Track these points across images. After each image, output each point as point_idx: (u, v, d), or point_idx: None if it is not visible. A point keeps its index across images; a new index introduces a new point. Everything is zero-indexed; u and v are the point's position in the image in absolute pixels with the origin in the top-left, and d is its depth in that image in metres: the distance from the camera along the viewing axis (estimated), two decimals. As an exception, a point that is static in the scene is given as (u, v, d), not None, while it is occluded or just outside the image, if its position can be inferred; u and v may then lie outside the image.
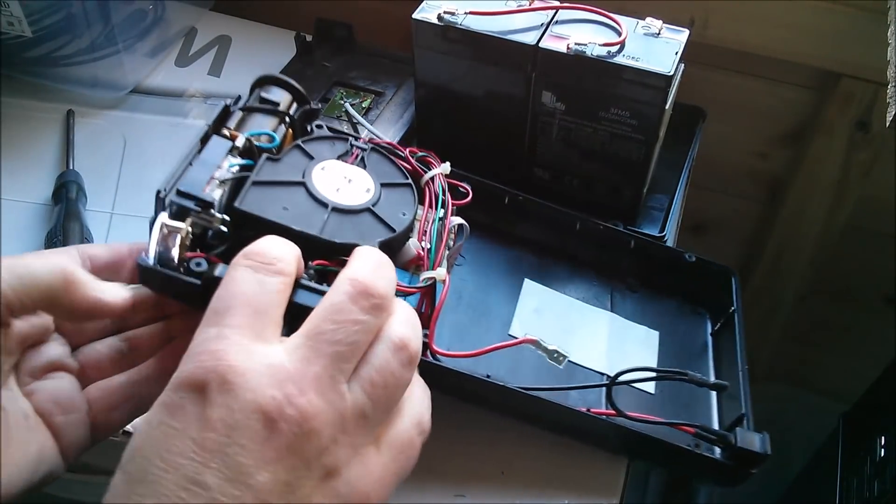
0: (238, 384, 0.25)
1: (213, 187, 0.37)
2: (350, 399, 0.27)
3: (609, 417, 0.40)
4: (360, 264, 0.30)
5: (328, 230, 0.37)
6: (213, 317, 0.28)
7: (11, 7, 0.57)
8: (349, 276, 0.29)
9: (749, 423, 0.40)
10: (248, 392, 0.25)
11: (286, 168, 0.39)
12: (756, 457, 0.39)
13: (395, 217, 0.39)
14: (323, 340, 0.27)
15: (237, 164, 0.39)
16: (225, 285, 0.29)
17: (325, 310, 0.28)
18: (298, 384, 0.26)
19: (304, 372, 0.26)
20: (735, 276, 0.48)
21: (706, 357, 0.47)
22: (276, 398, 0.25)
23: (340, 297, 0.28)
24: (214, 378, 0.26)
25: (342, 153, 0.42)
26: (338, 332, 0.28)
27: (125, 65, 0.63)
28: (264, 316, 0.28)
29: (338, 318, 0.28)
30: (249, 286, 0.28)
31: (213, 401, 0.25)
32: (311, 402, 0.26)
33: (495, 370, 0.42)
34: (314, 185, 0.39)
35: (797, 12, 0.64)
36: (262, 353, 0.27)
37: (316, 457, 0.26)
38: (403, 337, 0.29)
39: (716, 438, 0.40)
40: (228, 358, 0.26)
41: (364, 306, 0.28)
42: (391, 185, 0.41)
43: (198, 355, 0.27)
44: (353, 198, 0.39)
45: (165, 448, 0.25)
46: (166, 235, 0.35)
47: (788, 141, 0.74)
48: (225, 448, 0.25)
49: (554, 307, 0.47)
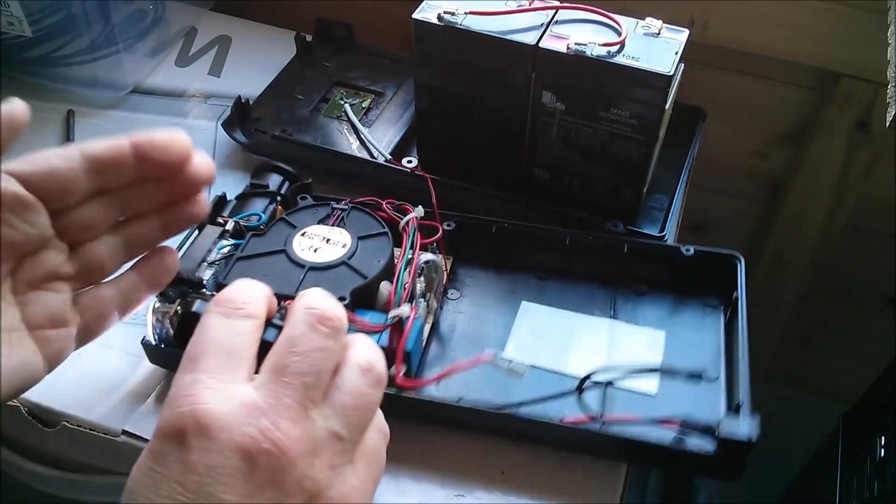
0: (213, 426, 0.27)
1: (203, 269, 0.44)
2: (323, 424, 0.28)
3: (582, 425, 0.40)
4: (311, 296, 0.32)
5: (304, 287, 0.41)
6: (188, 363, 0.29)
7: (11, 7, 0.57)
8: (304, 306, 0.31)
9: (745, 410, 0.39)
10: (223, 432, 0.27)
11: (270, 240, 0.45)
12: (742, 445, 0.38)
13: (370, 265, 0.44)
14: (289, 372, 0.29)
15: (228, 245, 0.45)
16: (198, 333, 0.30)
17: (287, 342, 0.30)
18: (271, 418, 0.27)
19: (274, 405, 0.28)
20: (740, 261, 0.47)
21: (717, 350, 0.46)
22: (252, 434, 0.27)
23: (300, 328, 0.30)
24: (191, 423, 0.27)
25: (323, 217, 0.47)
26: (302, 361, 0.29)
27: (125, 65, 0.63)
28: (235, 358, 0.29)
29: (300, 349, 0.29)
30: (220, 331, 0.30)
31: (192, 445, 0.27)
32: (287, 434, 0.27)
33: (483, 394, 0.43)
34: (293, 251, 0.44)
35: (797, 12, 0.64)
36: (233, 393, 0.28)
37: (297, 484, 0.27)
38: (370, 359, 0.31)
39: (701, 430, 0.39)
40: (202, 402, 0.27)
41: (323, 332, 0.30)
42: (368, 237, 0.45)
43: (175, 402, 0.28)
44: (330, 255, 0.44)
45: (154, 491, 0.27)
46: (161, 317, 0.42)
47: (788, 141, 0.74)
48: (208, 488, 0.26)
49: (552, 324, 0.47)
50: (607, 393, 0.43)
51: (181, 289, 0.43)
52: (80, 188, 0.36)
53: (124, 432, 0.43)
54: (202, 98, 0.64)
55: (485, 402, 0.42)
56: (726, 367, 0.44)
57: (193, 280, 0.43)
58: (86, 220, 0.37)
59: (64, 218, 0.36)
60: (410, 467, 0.41)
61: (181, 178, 0.37)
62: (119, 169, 0.36)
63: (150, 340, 0.43)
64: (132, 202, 0.38)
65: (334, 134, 0.58)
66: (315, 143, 0.57)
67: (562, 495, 0.41)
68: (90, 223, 0.37)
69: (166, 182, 0.37)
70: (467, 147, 0.54)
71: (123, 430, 0.43)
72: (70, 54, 0.61)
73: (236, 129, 0.58)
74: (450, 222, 0.49)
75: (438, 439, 0.43)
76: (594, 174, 0.51)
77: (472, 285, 0.50)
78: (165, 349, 0.43)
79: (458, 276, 0.50)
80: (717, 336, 0.46)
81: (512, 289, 0.50)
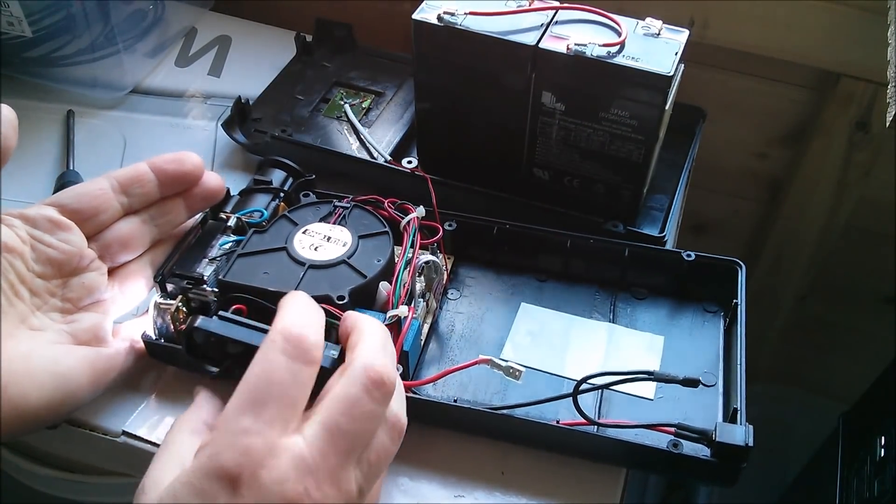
0: (267, 479, 0.29)
1: (204, 265, 0.44)
2: (355, 482, 0.31)
3: (578, 427, 0.40)
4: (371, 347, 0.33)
5: (303, 285, 0.42)
6: (249, 404, 0.30)
7: (11, 7, 0.57)
8: (365, 365, 0.32)
9: (741, 417, 0.39)
10: (275, 485, 0.29)
11: (271, 237, 0.45)
12: (738, 450, 0.38)
13: (369, 265, 0.43)
14: (340, 434, 0.31)
15: (230, 241, 0.45)
16: (263, 368, 0.31)
17: (343, 402, 0.31)
18: (317, 477, 0.30)
19: (321, 465, 0.30)
20: (742, 268, 0.47)
21: (716, 356, 0.45)
22: (298, 491, 0.29)
23: (357, 389, 0.32)
24: (247, 473, 0.29)
25: (325, 215, 0.47)
26: (353, 425, 0.31)
27: (125, 65, 0.63)
28: (293, 408, 0.31)
29: (354, 413, 0.31)
30: (285, 377, 0.31)
31: (244, 493, 0.29)
32: (326, 494, 0.30)
33: (480, 395, 0.43)
34: (294, 249, 0.44)
35: (797, 12, 0.64)
36: (287, 447, 0.30)
37: None
38: (398, 414, 0.34)
39: (696, 436, 0.39)
40: (259, 453, 0.29)
41: (377, 397, 0.32)
42: (369, 236, 0.45)
43: (231, 444, 0.29)
44: (330, 253, 0.44)
45: None
46: (161, 313, 0.42)
47: (788, 141, 0.74)
48: None
49: (550, 327, 0.47)
50: (604, 396, 0.43)
51: (182, 284, 0.43)
52: (110, 206, 0.42)
53: (124, 432, 0.43)
54: (202, 98, 0.64)
55: (481, 403, 0.42)
56: (724, 373, 0.44)
57: (194, 276, 0.43)
58: (122, 237, 0.43)
59: (102, 238, 0.42)
60: (410, 467, 0.41)
61: (198, 191, 0.45)
62: (141, 185, 0.43)
63: (151, 336, 0.43)
64: (159, 219, 0.44)
65: (334, 134, 0.58)
66: (315, 143, 0.57)
67: (561, 496, 0.41)
68: (126, 239, 0.43)
69: (187, 197, 0.45)
70: (467, 147, 0.54)
71: (123, 430, 0.43)
72: (70, 54, 0.61)
73: (236, 130, 0.58)
74: (451, 222, 0.49)
75: (441, 440, 0.43)
76: (594, 175, 0.51)
77: (473, 286, 0.50)
78: (166, 345, 0.43)
79: (459, 277, 0.50)
80: (716, 342, 0.46)
81: (512, 290, 0.49)
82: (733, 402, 0.41)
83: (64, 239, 0.41)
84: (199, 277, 0.43)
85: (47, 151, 0.59)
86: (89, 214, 0.42)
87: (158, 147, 0.60)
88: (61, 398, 0.37)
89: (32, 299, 0.40)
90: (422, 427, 0.42)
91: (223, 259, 0.44)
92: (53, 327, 0.40)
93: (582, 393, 0.40)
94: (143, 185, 0.43)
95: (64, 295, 0.41)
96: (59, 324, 0.40)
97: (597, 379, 0.40)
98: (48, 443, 0.46)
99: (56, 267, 0.40)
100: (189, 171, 0.44)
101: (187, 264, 0.44)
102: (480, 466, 0.42)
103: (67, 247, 0.40)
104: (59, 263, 0.40)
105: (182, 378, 0.44)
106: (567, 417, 0.41)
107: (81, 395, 0.39)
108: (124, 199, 0.43)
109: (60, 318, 0.40)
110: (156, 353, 0.44)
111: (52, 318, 0.40)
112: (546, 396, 0.41)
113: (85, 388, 0.39)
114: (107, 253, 0.43)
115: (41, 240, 0.40)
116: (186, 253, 0.45)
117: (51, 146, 0.59)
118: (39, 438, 0.45)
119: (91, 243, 0.42)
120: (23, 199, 0.54)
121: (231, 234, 0.46)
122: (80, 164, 0.57)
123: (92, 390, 0.40)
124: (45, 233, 0.40)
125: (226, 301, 0.41)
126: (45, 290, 0.40)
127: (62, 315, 0.41)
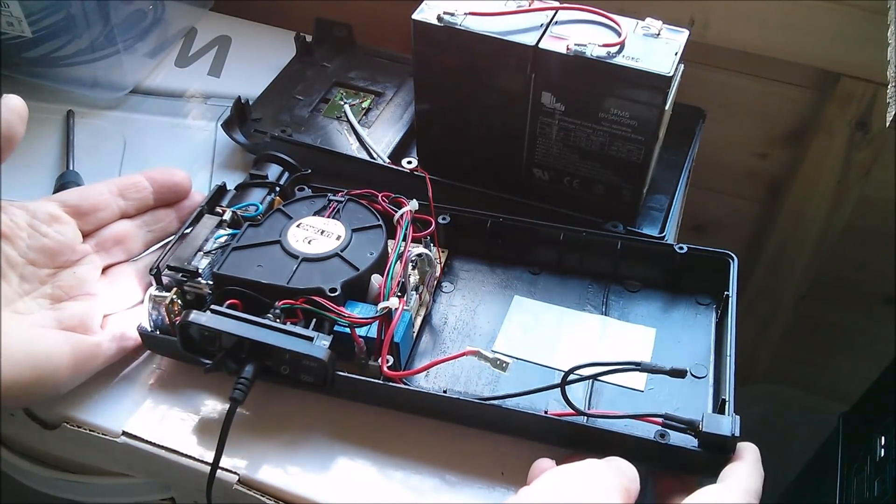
0: None
1: (199, 258, 0.45)
2: None
3: (566, 417, 0.40)
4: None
5: (296, 278, 0.42)
6: None
7: (11, 7, 0.57)
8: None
9: (729, 408, 0.40)
10: None
11: (266, 231, 0.46)
12: (725, 440, 0.38)
13: (362, 257, 0.44)
14: None
15: (225, 235, 0.46)
16: None
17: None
18: None
19: None
20: (734, 261, 0.47)
21: (707, 348, 0.46)
22: None
23: None
24: None
25: (319, 209, 0.47)
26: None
27: (125, 65, 0.63)
28: None
29: None
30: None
31: None
32: None
33: (471, 387, 0.43)
34: (288, 242, 0.45)
35: (797, 12, 0.64)
36: None
37: None
38: None
39: (683, 426, 0.39)
40: None
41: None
42: (363, 229, 0.46)
43: None
44: (324, 247, 0.44)
45: None
46: (156, 305, 0.43)
47: (788, 141, 0.74)
48: None
49: (543, 319, 0.47)
50: (595, 388, 0.43)
51: (177, 276, 0.43)
52: (109, 206, 0.46)
53: (124, 432, 0.43)
54: (202, 98, 0.64)
55: (471, 394, 0.43)
56: (715, 365, 0.45)
57: (189, 269, 0.44)
58: (118, 234, 0.46)
59: (99, 234, 0.45)
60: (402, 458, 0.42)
61: (187, 205, 0.49)
62: (138, 191, 0.47)
63: (146, 328, 0.44)
64: (153, 225, 0.48)
65: (334, 134, 0.58)
66: (314, 143, 0.57)
67: (561, 496, 0.41)
68: (122, 237, 0.46)
69: (179, 209, 0.49)
70: (467, 148, 0.54)
71: (123, 430, 0.43)
72: (70, 55, 0.61)
73: (236, 130, 0.58)
74: (445, 216, 0.50)
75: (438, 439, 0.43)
76: (594, 175, 0.51)
77: (467, 279, 0.50)
78: (161, 336, 0.43)
79: (454, 270, 0.50)
80: (707, 334, 0.47)
81: (505, 283, 0.50)
82: (722, 394, 0.41)
83: (59, 230, 0.43)
84: (193, 270, 0.44)
85: (47, 151, 0.59)
86: (89, 211, 0.45)
87: (158, 147, 0.60)
88: (36, 377, 0.38)
89: (22, 285, 0.41)
90: (412, 418, 0.42)
91: (218, 252, 0.45)
92: (40, 312, 0.41)
93: (570, 383, 0.40)
94: (139, 191, 0.47)
95: (55, 284, 0.43)
96: (46, 310, 0.42)
97: (585, 369, 0.40)
98: (48, 443, 0.46)
99: (49, 256, 0.43)
100: (178, 181, 0.49)
101: (182, 257, 0.45)
102: (480, 466, 0.42)
103: (61, 237, 0.43)
104: (52, 252, 0.43)
105: (181, 377, 0.45)
106: (557, 408, 0.41)
107: (60, 377, 0.40)
108: (122, 202, 0.47)
109: (48, 305, 0.42)
110: (150, 345, 0.45)
111: (40, 304, 0.42)
112: (535, 387, 0.41)
113: (64, 371, 0.40)
114: (102, 249, 0.45)
115: (37, 229, 0.43)
116: (182, 246, 0.45)
117: (51, 146, 0.59)
118: (39, 438, 0.45)
119: (89, 239, 0.45)
120: (23, 199, 0.54)
121: (226, 228, 0.47)
122: (80, 164, 0.57)
123: (72, 374, 0.41)
124: (43, 223, 0.43)
125: (221, 294, 0.42)
126: (36, 278, 0.42)
127: (51, 302, 0.42)
